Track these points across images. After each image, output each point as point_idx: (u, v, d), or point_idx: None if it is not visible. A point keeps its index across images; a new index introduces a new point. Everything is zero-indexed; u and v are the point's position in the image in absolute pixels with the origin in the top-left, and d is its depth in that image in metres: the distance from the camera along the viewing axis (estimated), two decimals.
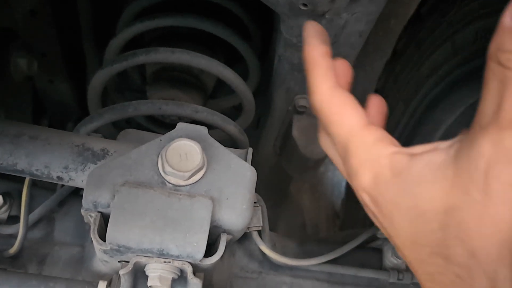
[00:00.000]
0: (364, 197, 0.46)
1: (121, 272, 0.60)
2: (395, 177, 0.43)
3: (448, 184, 0.39)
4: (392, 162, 0.43)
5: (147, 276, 0.60)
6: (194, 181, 0.62)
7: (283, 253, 0.79)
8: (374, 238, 0.86)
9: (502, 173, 0.36)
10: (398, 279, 0.81)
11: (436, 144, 0.43)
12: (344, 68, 0.52)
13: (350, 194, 1.65)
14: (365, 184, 0.45)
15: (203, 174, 0.62)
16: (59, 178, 0.65)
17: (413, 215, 0.42)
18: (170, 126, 0.69)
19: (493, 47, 0.38)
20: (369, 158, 0.45)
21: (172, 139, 0.63)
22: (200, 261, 0.60)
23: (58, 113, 1.31)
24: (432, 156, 0.42)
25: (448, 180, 0.39)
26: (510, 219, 0.37)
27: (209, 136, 0.66)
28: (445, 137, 0.80)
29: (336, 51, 0.75)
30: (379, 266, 0.84)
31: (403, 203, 0.42)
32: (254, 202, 0.75)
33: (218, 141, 0.67)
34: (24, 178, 0.74)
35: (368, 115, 0.48)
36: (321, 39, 0.52)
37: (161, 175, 0.62)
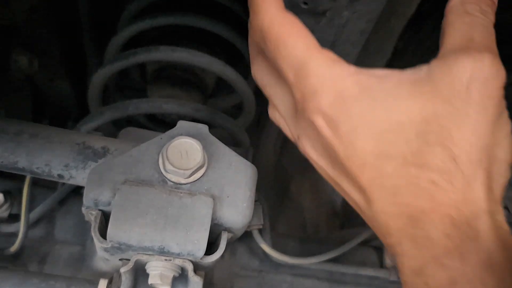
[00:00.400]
0: (318, 121, 0.43)
1: (122, 270, 0.60)
2: (363, 92, 0.42)
3: (426, 98, 0.41)
4: (358, 79, 0.42)
5: (148, 274, 0.60)
6: (195, 179, 0.62)
7: (284, 252, 0.79)
8: (374, 236, 0.86)
9: (482, 86, 0.40)
10: (399, 277, 0.81)
11: (395, 70, 0.43)
12: None
13: None
14: (324, 103, 0.42)
15: (204, 172, 0.62)
16: (59, 176, 0.65)
17: (383, 128, 0.41)
18: (171, 125, 0.69)
19: (455, 2, 0.45)
20: (331, 76, 0.43)
21: (173, 137, 0.63)
22: (201, 259, 0.60)
23: (59, 111, 1.31)
24: (401, 76, 0.42)
25: (426, 94, 0.41)
26: (488, 127, 0.40)
27: (210, 134, 0.66)
28: None
29: (337, 50, 0.75)
30: (380, 264, 0.84)
31: (372, 117, 0.41)
32: (255, 201, 0.75)
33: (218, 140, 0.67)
34: (24, 177, 0.74)
35: None
36: None
37: (161, 173, 0.62)
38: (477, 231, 0.39)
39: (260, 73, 0.51)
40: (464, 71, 0.40)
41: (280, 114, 0.50)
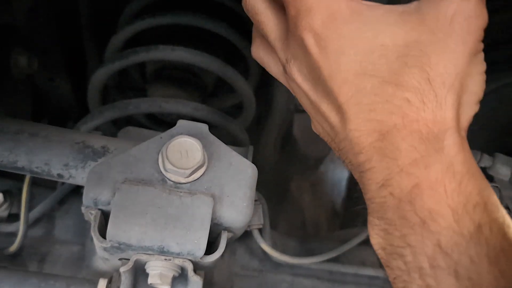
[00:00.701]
0: (308, 39, 0.45)
1: (121, 269, 0.60)
2: (354, 15, 0.44)
3: (412, 26, 0.44)
4: (351, 4, 0.45)
5: (147, 274, 0.60)
6: (195, 178, 0.62)
7: (284, 251, 0.79)
8: None
9: (465, 22, 0.43)
10: None
11: (390, 5, 0.46)
12: None
13: (350, 193, 1.64)
14: (316, 22, 0.45)
15: (204, 172, 0.62)
16: (59, 175, 0.65)
17: (368, 49, 0.44)
18: (171, 124, 0.69)
19: None
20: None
21: (173, 136, 0.62)
22: (200, 258, 0.60)
23: (58, 111, 1.31)
24: (391, 8, 0.45)
25: (412, 23, 0.44)
26: (464, 58, 0.43)
27: (209, 133, 0.66)
28: None
29: None
30: (380, 264, 0.84)
31: (359, 38, 0.44)
32: (255, 200, 0.75)
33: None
34: (24, 176, 0.74)
35: None
36: None
37: (161, 172, 0.62)
38: (443, 144, 0.42)
39: (252, 1, 0.52)
40: (450, 6, 0.43)
41: (270, 40, 0.52)
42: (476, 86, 0.46)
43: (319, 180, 1.76)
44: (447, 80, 0.43)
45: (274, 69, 0.55)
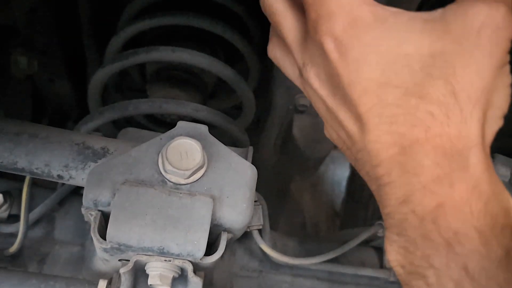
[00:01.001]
0: (328, 44, 0.44)
1: (121, 270, 0.60)
2: (377, 22, 0.43)
3: (437, 34, 0.42)
4: (374, 9, 0.43)
5: (147, 275, 0.60)
6: (195, 179, 0.62)
7: (284, 252, 0.79)
8: (374, 237, 0.85)
9: (493, 33, 0.41)
10: (397, 277, 0.81)
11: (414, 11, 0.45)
12: None
13: (350, 193, 1.65)
14: (338, 27, 0.43)
15: (204, 173, 0.62)
16: (59, 176, 0.65)
17: (391, 58, 0.42)
18: (170, 125, 0.69)
19: None
20: (349, 1, 0.43)
21: (173, 137, 0.62)
22: (200, 259, 0.60)
23: (58, 112, 1.31)
24: (416, 14, 0.43)
25: (437, 32, 0.42)
26: (491, 71, 0.41)
27: (209, 134, 0.66)
28: None
29: None
30: (380, 265, 0.84)
31: (382, 46, 0.42)
32: (255, 201, 0.75)
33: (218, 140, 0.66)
34: (24, 177, 0.74)
35: None
36: None
37: (161, 173, 0.62)
38: (468, 162, 0.40)
39: (270, 1, 0.50)
40: (478, 16, 0.41)
41: (287, 42, 0.50)
42: (501, 100, 0.44)
43: (319, 180, 1.76)
44: (473, 94, 0.41)
45: (289, 71, 0.53)
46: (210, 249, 0.62)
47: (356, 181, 1.56)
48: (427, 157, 0.41)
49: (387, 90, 0.42)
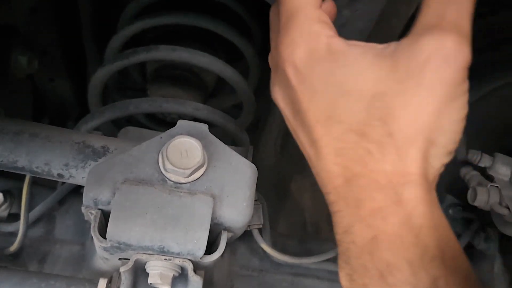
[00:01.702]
0: (289, 70, 0.46)
1: (121, 269, 0.60)
2: (330, 55, 0.44)
3: (383, 73, 0.42)
4: (330, 42, 0.45)
5: (147, 274, 0.60)
6: (195, 178, 0.62)
7: (284, 251, 0.79)
8: None
9: (438, 68, 0.41)
10: None
11: (370, 43, 0.46)
12: (331, 6, 0.52)
13: None
14: (297, 56, 0.45)
15: (204, 172, 0.62)
16: (59, 175, 0.65)
17: (339, 92, 0.44)
18: (171, 124, 0.69)
19: None
20: (310, 32, 0.45)
21: (173, 136, 0.62)
22: (200, 258, 0.60)
23: (58, 111, 1.31)
24: (369, 48, 0.44)
25: (384, 70, 0.42)
26: (432, 111, 0.42)
27: (210, 133, 0.66)
28: None
29: None
30: None
31: (333, 79, 0.44)
32: (255, 200, 0.75)
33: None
34: (24, 176, 0.74)
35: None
36: None
37: (161, 172, 0.62)
38: (401, 196, 0.42)
39: (271, 18, 0.54)
40: (423, 51, 0.41)
41: (270, 62, 0.53)
42: (447, 138, 0.44)
43: None
44: (410, 134, 0.42)
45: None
46: (211, 248, 0.62)
47: None
48: (364, 191, 0.43)
49: (333, 123, 0.44)
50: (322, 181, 0.47)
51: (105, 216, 0.62)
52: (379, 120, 0.42)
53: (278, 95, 0.51)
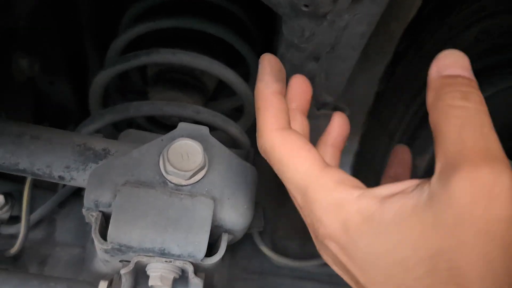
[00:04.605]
0: (332, 247, 0.42)
1: (122, 271, 0.60)
2: (366, 223, 0.40)
3: (429, 229, 0.37)
4: (360, 207, 0.41)
5: (148, 276, 0.60)
6: (196, 180, 0.62)
7: (284, 254, 0.79)
8: None
9: (485, 210, 0.35)
10: None
11: (402, 185, 0.41)
12: (301, 85, 0.50)
13: None
14: (333, 232, 0.42)
15: (205, 174, 0.62)
16: (60, 177, 0.65)
17: (391, 263, 0.39)
18: (171, 127, 0.69)
19: (433, 95, 0.41)
20: (333, 203, 0.42)
21: (174, 138, 0.63)
22: (201, 260, 0.60)
23: (59, 114, 1.31)
24: (403, 200, 0.39)
25: (428, 225, 0.37)
26: (503, 260, 0.36)
27: (210, 136, 0.66)
28: None
29: (337, 53, 0.76)
30: None
31: (378, 250, 0.39)
32: (256, 203, 0.75)
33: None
34: (25, 178, 0.74)
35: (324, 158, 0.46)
36: (276, 76, 0.50)
37: (162, 174, 0.62)
38: None
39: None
40: (462, 197, 0.36)
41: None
42: None
43: None
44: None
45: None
46: (211, 250, 0.62)
47: None
48: None
49: None
50: None
51: (106, 218, 0.62)
52: (450, 283, 0.36)
53: (330, 263, 0.46)
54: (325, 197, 0.42)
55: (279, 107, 0.48)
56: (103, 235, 0.59)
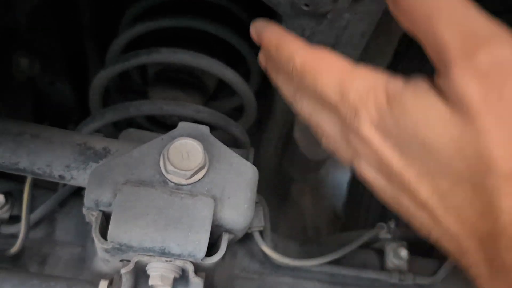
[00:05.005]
0: (369, 134, 0.43)
1: (122, 271, 0.60)
2: (390, 103, 0.41)
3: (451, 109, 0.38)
4: (388, 87, 0.42)
5: (148, 275, 0.60)
6: (196, 180, 0.62)
7: (285, 254, 0.79)
8: (375, 239, 0.85)
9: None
10: (400, 280, 0.81)
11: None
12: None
13: (351, 196, 1.64)
14: (371, 118, 0.42)
15: (205, 173, 0.62)
16: (61, 177, 0.65)
17: (421, 143, 0.39)
18: (172, 127, 0.69)
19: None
20: (368, 88, 0.42)
21: (174, 138, 0.63)
22: (201, 260, 0.60)
23: (59, 114, 1.31)
24: (426, 87, 0.40)
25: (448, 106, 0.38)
26: None
27: (211, 135, 0.66)
28: None
29: (338, 52, 0.75)
30: (381, 267, 0.84)
31: (408, 132, 0.40)
32: (256, 202, 0.75)
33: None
34: (25, 178, 0.74)
35: None
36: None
37: (162, 174, 0.62)
38: None
39: (304, 107, 0.51)
40: (470, 93, 0.36)
41: (330, 139, 0.49)
42: None
43: (320, 183, 1.76)
44: None
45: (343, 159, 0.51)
46: (211, 250, 0.62)
47: (357, 184, 1.56)
48: (509, 252, 0.36)
49: (438, 178, 0.40)
50: (450, 246, 0.41)
51: (106, 218, 0.62)
52: (478, 159, 0.36)
53: (362, 168, 0.46)
54: (361, 85, 0.43)
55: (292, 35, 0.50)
56: (104, 235, 0.59)
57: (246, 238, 0.80)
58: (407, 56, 1.16)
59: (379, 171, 0.44)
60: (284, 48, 0.49)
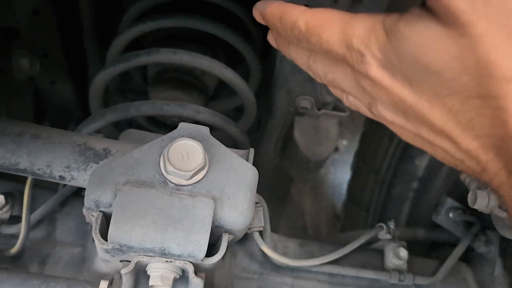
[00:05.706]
0: (376, 75, 0.45)
1: (122, 271, 0.60)
2: (389, 34, 0.42)
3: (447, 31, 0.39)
4: (384, 23, 0.43)
5: (148, 276, 0.60)
6: (196, 180, 0.62)
7: (284, 254, 0.79)
8: (375, 239, 0.86)
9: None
10: (399, 280, 0.81)
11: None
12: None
13: (351, 196, 1.65)
14: (376, 59, 0.44)
15: (205, 174, 0.62)
16: (61, 177, 0.65)
17: (423, 68, 0.41)
18: (172, 127, 0.69)
19: None
20: (369, 31, 0.44)
21: (174, 138, 0.63)
22: (201, 260, 0.60)
23: (60, 114, 1.32)
24: (419, 15, 0.41)
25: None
26: None
27: (211, 136, 0.66)
28: None
29: None
30: (380, 267, 0.84)
31: (411, 59, 0.41)
32: (256, 203, 0.75)
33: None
34: (25, 178, 0.74)
35: None
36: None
37: (163, 174, 0.62)
38: None
39: (319, 68, 0.54)
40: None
41: (348, 92, 0.53)
42: None
43: (320, 183, 1.76)
44: None
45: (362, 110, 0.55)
46: (211, 250, 0.62)
47: (356, 184, 1.56)
48: None
49: (445, 99, 0.42)
50: (470, 166, 0.44)
51: (106, 218, 0.62)
52: (486, 77, 0.38)
53: (381, 111, 0.49)
54: (362, 25, 0.45)
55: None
56: (104, 235, 0.59)
57: (246, 238, 0.80)
58: None
59: (395, 109, 0.47)
60: (287, 15, 0.51)
